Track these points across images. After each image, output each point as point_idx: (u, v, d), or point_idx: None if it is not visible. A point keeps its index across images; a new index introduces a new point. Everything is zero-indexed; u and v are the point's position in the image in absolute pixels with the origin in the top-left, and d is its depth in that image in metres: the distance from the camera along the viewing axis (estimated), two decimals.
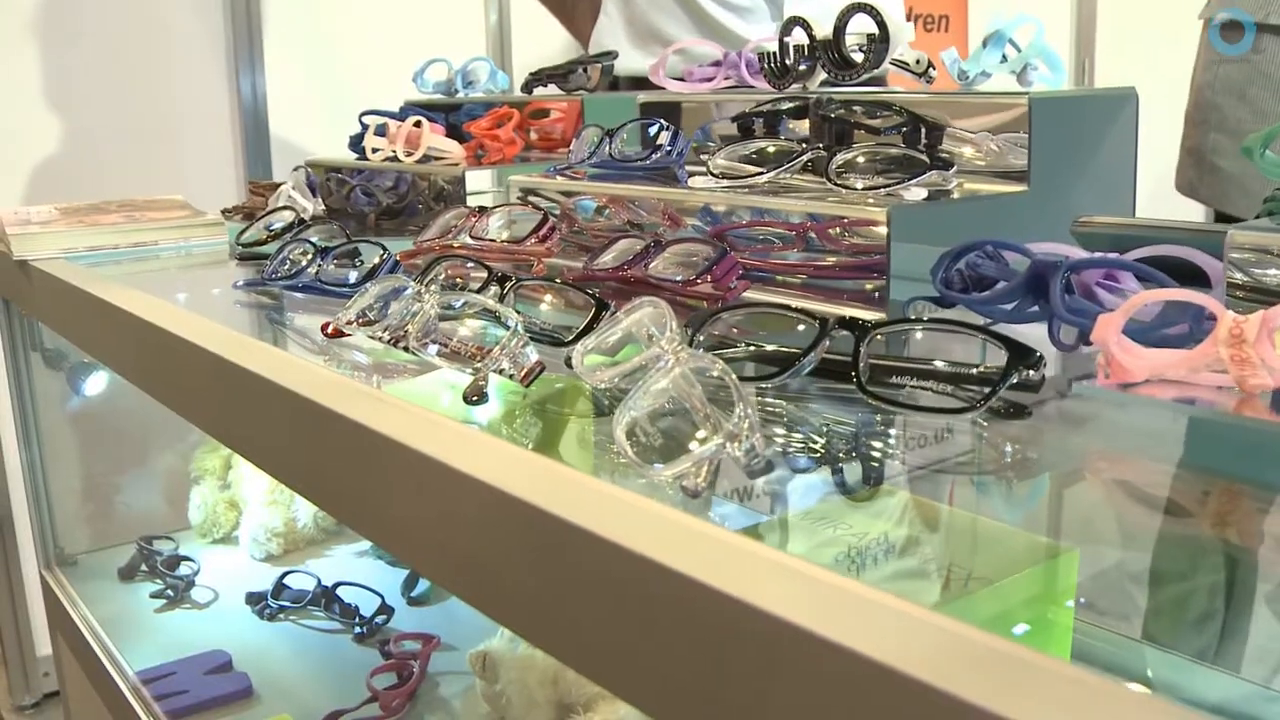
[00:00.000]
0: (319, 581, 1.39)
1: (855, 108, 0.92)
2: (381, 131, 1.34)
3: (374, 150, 1.33)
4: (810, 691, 0.35)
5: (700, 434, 0.46)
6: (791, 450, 0.57)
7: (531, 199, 1.08)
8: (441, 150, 1.29)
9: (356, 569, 1.47)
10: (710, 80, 1.13)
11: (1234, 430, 0.56)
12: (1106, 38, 4.22)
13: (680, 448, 0.46)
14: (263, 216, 1.21)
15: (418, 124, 1.29)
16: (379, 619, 1.34)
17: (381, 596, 1.36)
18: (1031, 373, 0.54)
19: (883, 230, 0.73)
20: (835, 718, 0.34)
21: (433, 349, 0.64)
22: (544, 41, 2.45)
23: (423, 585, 1.42)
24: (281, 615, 1.38)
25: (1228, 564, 0.57)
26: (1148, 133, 1.53)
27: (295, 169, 1.37)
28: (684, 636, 0.38)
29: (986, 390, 0.54)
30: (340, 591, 1.38)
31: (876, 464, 0.57)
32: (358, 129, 1.39)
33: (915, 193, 0.78)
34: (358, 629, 1.33)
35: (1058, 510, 0.60)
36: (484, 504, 0.47)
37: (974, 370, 0.56)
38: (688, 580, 0.37)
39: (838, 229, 0.79)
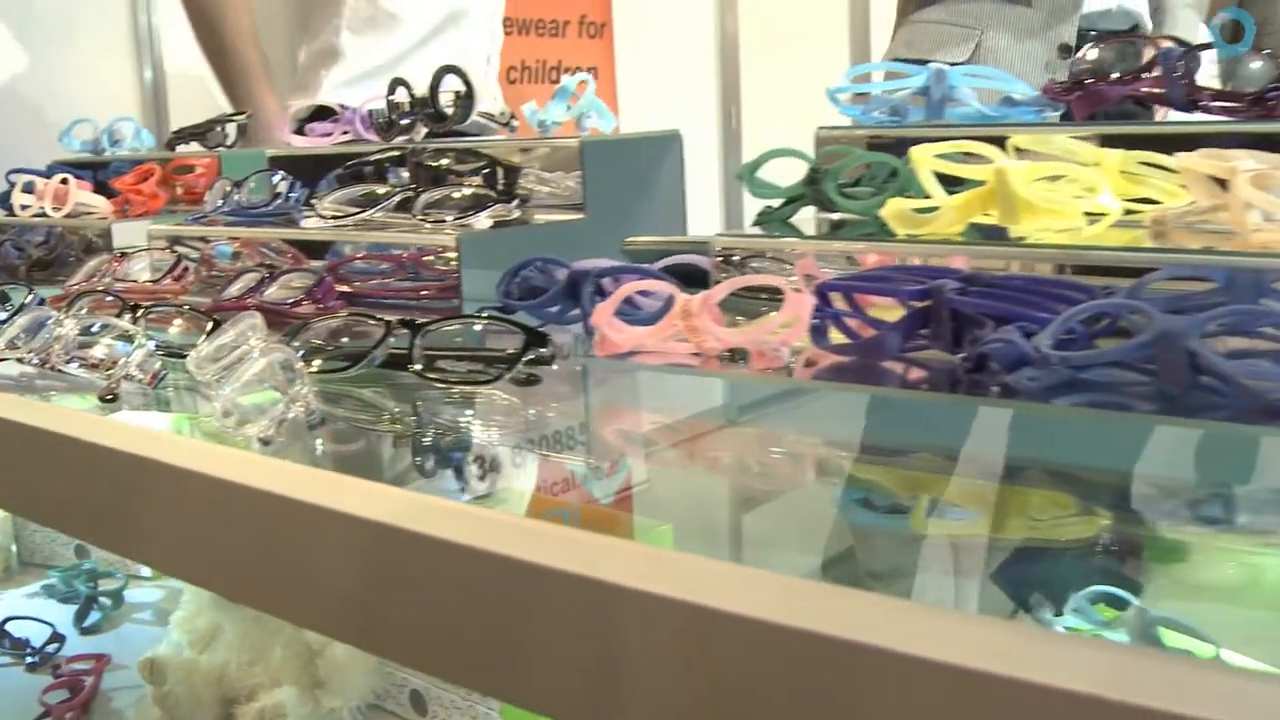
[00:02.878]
0: None
1: (445, 155, 1.09)
2: (30, 189, 1.43)
3: (22, 207, 1.42)
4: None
5: (269, 400, 0.62)
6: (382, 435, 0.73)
7: (177, 247, 1.20)
8: (89, 206, 1.40)
9: (28, 607, 1.54)
10: (329, 135, 1.28)
11: (702, 382, 0.75)
12: (751, 84, 4.54)
13: (261, 414, 0.61)
14: None
15: (64, 181, 1.39)
16: (50, 647, 1.41)
17: (52, 626, 1.43)
18: (544, 350, 0.72)
19: (454, 255, 0.91)
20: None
21: (74, 365, 0.78)
22: (202, 98, 2.53)
23: (94, 616, 1.50)
24: None
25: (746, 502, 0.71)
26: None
27: None
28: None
29: (505, 366, 0.71)
30: (10, 627, 1.44)
31: (461, 447, 0.73)
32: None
33: (483, 222, 0.95)
34: (29, 659, 1.39)
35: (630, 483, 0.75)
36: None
37: (503, 352, 0.73)
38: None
39: (432, 257, 0.96)
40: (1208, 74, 1.02)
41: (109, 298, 0.94)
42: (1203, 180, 0.74)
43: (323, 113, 1.39)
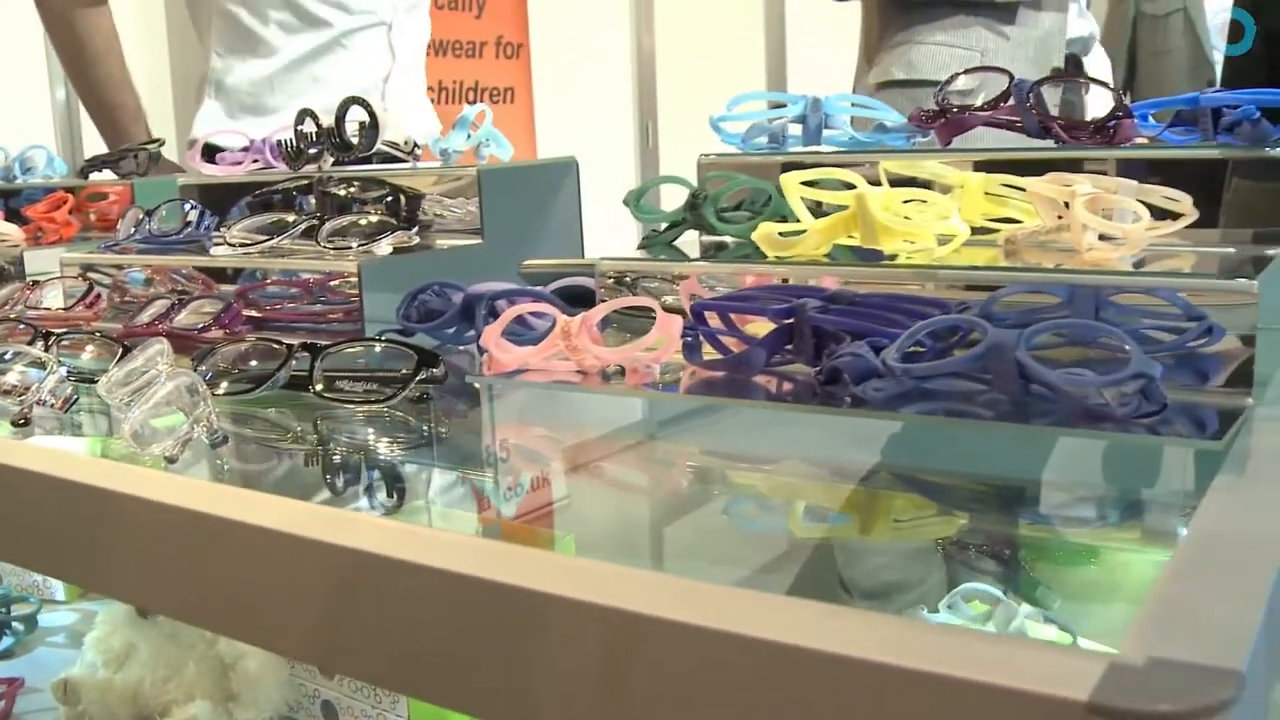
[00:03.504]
0: None
1: (351, 184, 1.13)
2: None
3: None
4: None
5: (177, 422, 0.66)
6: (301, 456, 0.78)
7: (90, 274, 1.24)
8: (0, 234, 1.42)
9: None
10: (240, 164, 1.32)
11: (585, 396, 0.80)
12: (667, 102, 4.60)
13: (167, 434, 0.66)
14: None
15: None
16: None
17: None
18: (435, 371, 0.77)
19: (355, 280, 0.95)
20: None
21: None
22: None
23: (7, 641, 1.52)
24: None
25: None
26: None
27: None
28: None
29: (400, 386, 0.76)
30: None
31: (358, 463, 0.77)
32: None
33: (383, 249, 1.00)
34: None
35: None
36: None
37: (399, 372, 0.78)
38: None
39: (336, 282, 1.00)
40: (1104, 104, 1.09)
41: (21, 325, 0.97)
42: (1048, 202, 0.80)
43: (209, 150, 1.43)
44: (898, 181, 0.88)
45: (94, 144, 2.16)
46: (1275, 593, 0.44)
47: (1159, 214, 0.81)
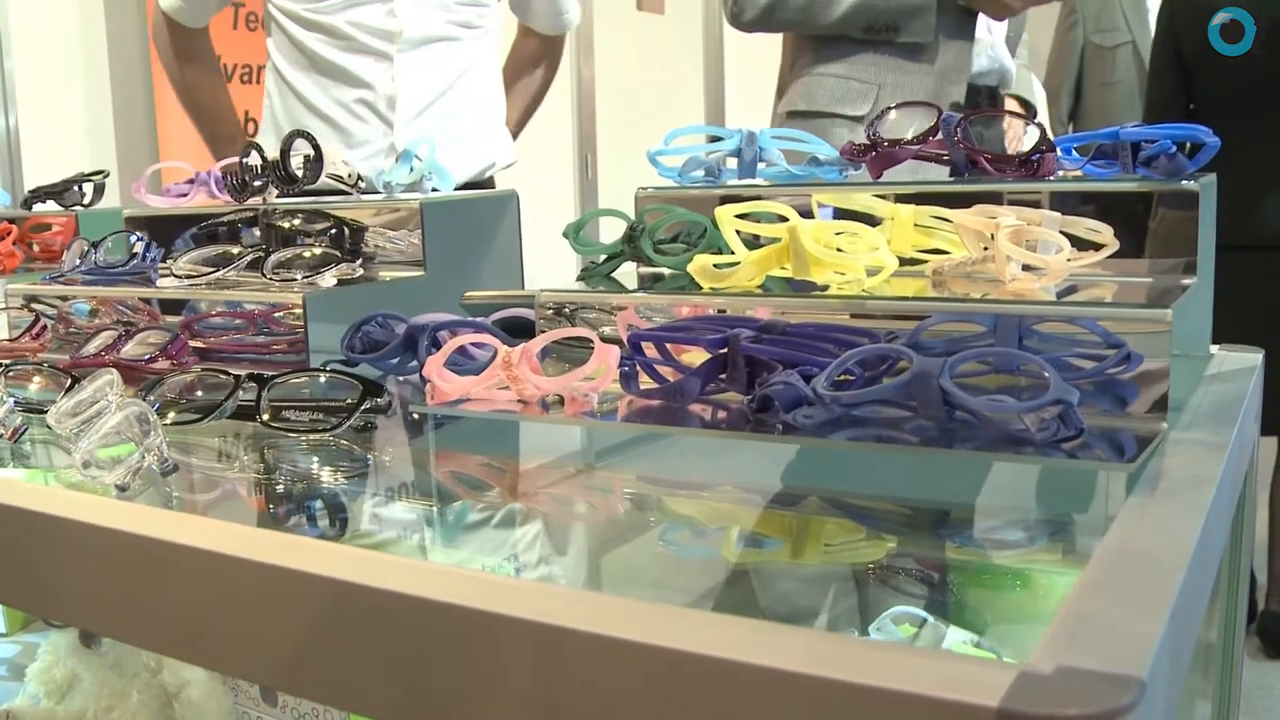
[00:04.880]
0: None
1: (295, 216, 1.15)
2: None
3: None
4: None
5: (129, 451, 0.67)
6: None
7: (34, 305, 1.24)
8: None
9: None
10: (185, 195, 1.33)
11: (526, 425, 0.82)
12: (606, 134, 4.63)
13: (118, 463, 0.67)
14: None
15: None
16: None
17: None
18: (380, 400, 0.78)
19: (300, 311, 0.97)
20: None
21: None
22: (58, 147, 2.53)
23: None
24: None
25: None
26: None
27: None
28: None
29: (345, 415, 0.77)
30: None
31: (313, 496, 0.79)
32: None
33: (328, 280, 1.01)
34: None
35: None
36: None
37: (344, 402, 0.80)
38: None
39: (283, 312, 1.01)
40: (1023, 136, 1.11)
41: None
42: (974, 234, 0.83)
43: None
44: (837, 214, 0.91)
45: (37, 175, 2.16)
46: (1180, 605, 0.47)
47: (1084, 245, 0.84)
